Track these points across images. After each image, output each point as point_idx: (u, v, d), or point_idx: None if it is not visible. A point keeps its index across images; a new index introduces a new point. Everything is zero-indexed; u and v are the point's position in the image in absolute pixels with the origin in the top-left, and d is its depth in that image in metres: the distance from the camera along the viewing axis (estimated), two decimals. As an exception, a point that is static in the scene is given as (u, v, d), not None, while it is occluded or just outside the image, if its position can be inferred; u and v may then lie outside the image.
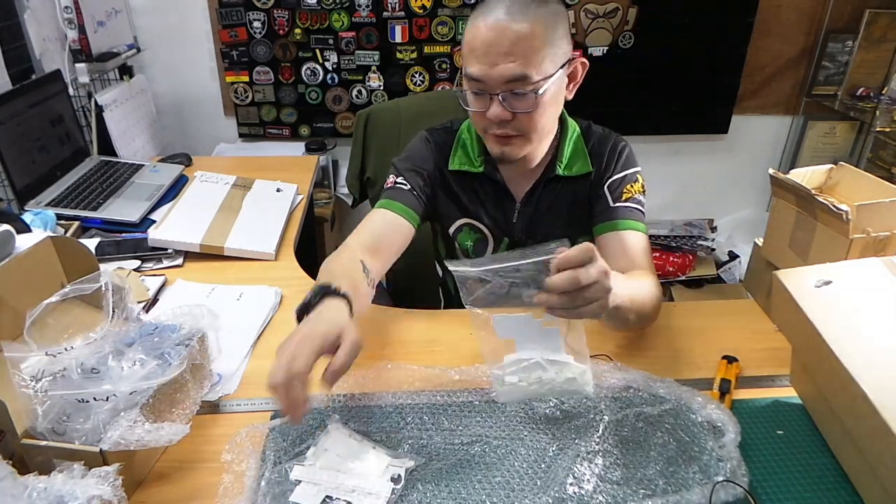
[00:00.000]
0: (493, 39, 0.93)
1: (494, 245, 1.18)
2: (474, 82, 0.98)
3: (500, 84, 0.95)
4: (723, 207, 2.75)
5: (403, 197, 1.11)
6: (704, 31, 2.34)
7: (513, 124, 1.00)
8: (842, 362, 0.70)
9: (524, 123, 1.00)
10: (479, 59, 0.95)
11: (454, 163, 1.15)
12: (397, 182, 1.13)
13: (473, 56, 0.96)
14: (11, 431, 0.69)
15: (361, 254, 1.00)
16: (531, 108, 0.97)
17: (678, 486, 0.75)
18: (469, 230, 1.18)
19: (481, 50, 0.95)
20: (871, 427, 0.66)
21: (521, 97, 0.96)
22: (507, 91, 0.96)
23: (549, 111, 1.01)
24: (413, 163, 1.15)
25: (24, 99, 1.56)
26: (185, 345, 0.82)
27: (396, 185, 1.13)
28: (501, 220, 1.16)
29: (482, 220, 1.17)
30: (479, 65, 0.95)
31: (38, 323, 0.77)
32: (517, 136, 1.02)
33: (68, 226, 1.38)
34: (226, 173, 1.67)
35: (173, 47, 2.29)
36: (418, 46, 2.31)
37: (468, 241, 1.19)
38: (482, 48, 0.94)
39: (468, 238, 1.19)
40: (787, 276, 0.84)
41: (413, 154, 1.17)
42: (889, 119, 2.26)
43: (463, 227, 1.18)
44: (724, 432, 0.81)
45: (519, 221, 1.15)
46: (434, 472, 0.77)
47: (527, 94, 0.96)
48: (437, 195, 1.17)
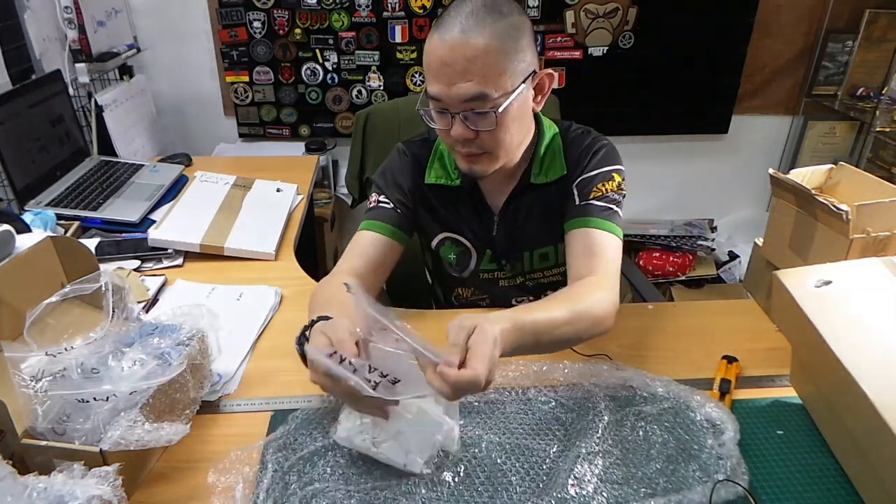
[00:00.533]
0: (448, 58, 0.89)
1: (478, 257, 1.16)
2: (434, 101, 0.95)
3: (458, 104, 0.91)
4: (723, 207, 2.75)
5: (388, 216, 1.09)
6: (704, 31, 2.34)
7: (476, 142, 0.96)
8: (842, 362, 0.70)
9: (487, 142, 0.96)
10: (436, 79, 0.92)
11: (430, 176, 1.12)
12: (380, 201, 1.10)
13: (431, 75, 0.93)
14: (11, 431, 0.69)
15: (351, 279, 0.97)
16: (492, 127, 0.93)
17: (678, 484, 0.75)
18: (451, 244, 1.16)
19: (438, 69, 0.91)
20: (871, 427, 0.66)
21: (482, 116, 0.92)
22: (467, 110, 0.92)
23: (513, 128, 0.97)
24: (392, 178, 1.12)
25: (24, 99, 1.56)
26: (185, 345, 0.82)
27: (379, 204, 1.10)
28: (482, 232, 1.13)
29: (463, 234, 1.14)
30: (438, 84, 0.92)
31: (38, 323, 0.77)
32: (483, 154, 0.98)
33: (68, 226, 1.38)
34: (226, 173, 1.67)
35: (173, 47, 2.29)
36: (418, 46, 2.31)
37: (451, 254, 1.17)
38: (438, 67, 0.91)
39: (451, 251, 1.17)
40: (787, 276, 0.84)
41: (391, 169, 1.13)
42: (889, 119, 2.26)
43: (445, 241, 1.16)
44: (724, 431, 0.81)
45: (498, 234, 1.12)
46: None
47: (487, 113, 0.92)
48: (418, 209, 1.14)
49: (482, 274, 1.18)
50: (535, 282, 1.18)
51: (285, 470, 0.77)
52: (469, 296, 1.24)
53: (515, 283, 1.18)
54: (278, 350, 1.02)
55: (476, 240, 1.15)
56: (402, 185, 1.11)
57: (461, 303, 1.26)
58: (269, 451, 0.80)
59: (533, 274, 1.16)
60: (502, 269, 1.17)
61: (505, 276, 1.18)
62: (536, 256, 1.14)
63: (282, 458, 0.79)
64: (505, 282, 1.19)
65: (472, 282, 1.21)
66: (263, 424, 0.85)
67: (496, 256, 1.15)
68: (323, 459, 0.79)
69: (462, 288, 1.24)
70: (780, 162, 2.68)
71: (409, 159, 1.13)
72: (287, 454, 0.80)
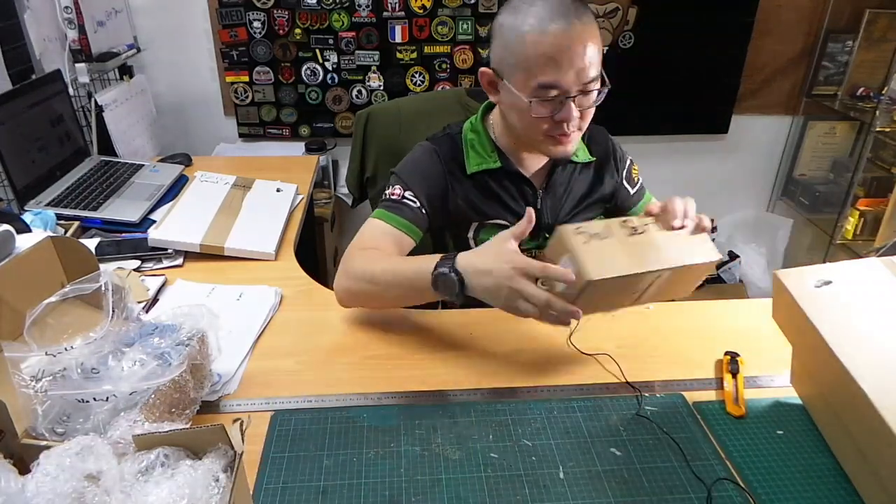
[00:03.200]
0: (567, 44, 0.95)
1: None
2: (547, 89, 0.99)
3: (578, 86, 0.99)
4: (723, 207, 2.75)
5: (412, 214, 1.11)
6: (704, 31, 2.34)
7: (579, 122, 1.04)
8: (842, 362, 0.70)
9: (585, 119, 1.05)
10: (556, 66, 0.97)
11: (472, 165, 1.14)
12: (405, 197, 1.11)
13: (550, 65, 0.97)
14: (11, 431, 0.69)
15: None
16: (599, 103, 1.03)
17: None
18: (491, 228, 1.17)
19: (558, 56, 0.96)
20: (871, 427, 0.66)
21: (589, 95, 1.01)
22: (579, 93, 0.99)
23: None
24: (423, 177, 1.13)
25: (24, 99, 1.56)
26: (185, 345, 0.82)
27: (404, 199, 1.11)
28: (524, 208, 1.15)
29: (504, 217, 1.16)
30: (559, 72, 0.97)
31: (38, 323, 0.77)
32: (576, 133, 1.05)
33: (68, 226, 1.38)
34: (226, 173, 1.67)
35: (173, 47, 2.29)
36: (418, 46, 2.31)
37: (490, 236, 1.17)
38: (557, 54, 0.96)
39: (491, 234, 1.17)
40: (787, 276, 0.84)
41: (421, 168, 1.14)
42: (889, 119, 2.26)
43: (484, 226, 1.17)
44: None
45: (543, 207, 1.17)
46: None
47: (591, 92, 1.01)
48: (450, 206, 1.15)
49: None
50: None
51: (285, 470, 0.77)
52: None
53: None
54: (278, 350, 1.02)
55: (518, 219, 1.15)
56: (437, 183, 1.14)
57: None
58: (270, 450, 0.80)
59: None
60: (542, 245, 1.18)
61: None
62: None
63: (282, 458, 0.79)
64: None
65: None
66: (263, 424, 0.85)
67: (537, 233, 1.16)
68: (323, 459, 0.79)
69: None
70: (780, 162, 2.68)
71: (441, 157, 1.15)
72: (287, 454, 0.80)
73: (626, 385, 0.92)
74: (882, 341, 0.72)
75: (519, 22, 0.97)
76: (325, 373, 0.96)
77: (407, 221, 1.10)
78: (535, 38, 0.96)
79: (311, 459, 0.79)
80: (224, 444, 0.64)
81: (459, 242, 1.22)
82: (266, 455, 0.80)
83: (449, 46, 2.32)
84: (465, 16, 2.27)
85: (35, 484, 0.59)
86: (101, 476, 0.61)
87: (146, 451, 0.63)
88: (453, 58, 2.33)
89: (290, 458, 0.79)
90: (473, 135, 1.15)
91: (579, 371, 0.95)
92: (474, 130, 1.16)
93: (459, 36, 2.30)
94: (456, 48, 2.32)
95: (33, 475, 0.60)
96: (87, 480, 0.60)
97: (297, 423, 0.85)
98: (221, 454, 0.64)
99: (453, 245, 1.23)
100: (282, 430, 0.84)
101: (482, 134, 1.15)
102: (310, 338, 1.06)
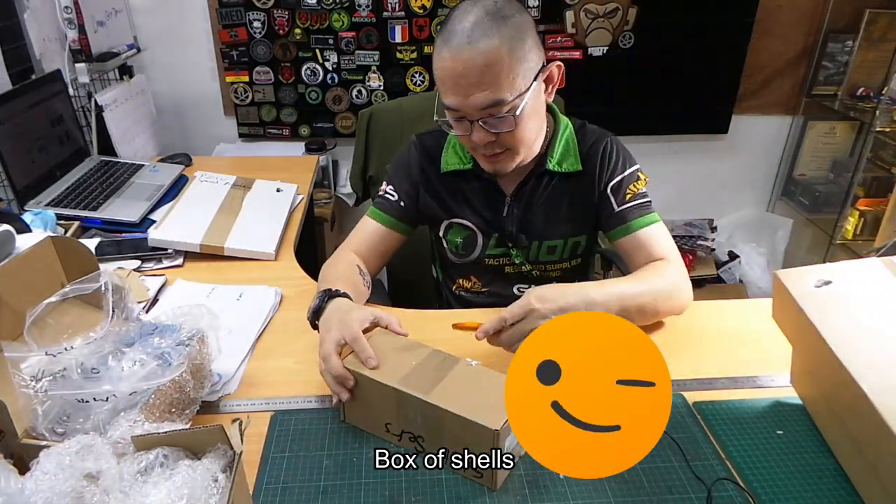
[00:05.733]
0: (460, 70, 0.92)
1: (484, 241, 1.18)
2: (452, 111, 0.99)
3: (476, 112, 0.96)
4: (723, 207, 2.75)
5: (391, 207, 1.16)
6: (704, 31, 2.34)
7: (498, 142, 1.01)
8: (842, 362, 0.70)
9: (508, 141, 1.01)
10: (451, 91, 0.95)
11: (446, 164, 1.16)
12: (387, 192, 1.18)
13: (445, 87, 0.96)
14: (11, 431, 0.69)
15: (357, 259, 1.12)
16: (511, 128, 0.98)
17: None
18: (458, 228, 1.18)
19: (451, 82, 0.94)
20: (871, 427, 0.66)
21: (500, 119, 0.97)
22: (485, 116, 0.96)
23: (530, 123, 1.02)
24: (402, 169, 1.18)
25: (24, 99, 1.56)
26: (185, 345, 0.82)
27: (386, 194, 1.18)
28: (490, 215, 1.16)
29: (469, 217, 1.17)
30: (453, 96, 0.96)
31: (38, 323, 0.77)
32: (505, 152, 1.03)
33: (68, 226, 1.38)
34: (226, 173, 1.67)
35: (173, 47, 2.29)
36: (418, 46, 2.31)
37: (458, 237, 1.19)
38: (451, 80, 0.94)
39: (457, 235, 1.19)
40: (787, 276, 0.84)
41: (402, 161, 1.19)
42: (889, 119, 2.26)
43: (452, 226, 1.19)
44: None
45: (509, 215, 1.15)
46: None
47: (505, 117, 0.96)
48: (424, 199, 1.18)
49: (487, 259, 1.19)
50: (541, 273, 1.20)
51: (285, 470, 0.77)
52: (471, 287, 1.25)
53: (521, 271, 1.19)
54: (278, 350, 1.02)
55: (483, 223, 1.17)
56: (411, 177, 1.17)
57: (463, 294, 1.27)
58: (270, 450, 0.80)
59: (538, 265, 1.19)
60: (508, 253, 1.18)
61: (510, 263, 1.19)
62: (545, 248, 1.17)
63: (282, 458, 0.79)
64: (510, 268, 1.20)
65: (476, 269, 1.22)
66: (263, 424, 0.85)
67: (503, 240, 1.17)
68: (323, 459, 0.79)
69: (464, 279, 1.25)
70: (780, 162, 2.68)
71: (421, 151, 1.18)
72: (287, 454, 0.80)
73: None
74: (882, 341, 0.72)
75: (437, 41, 0.97)
76: (325, 373, 0.96)
77: (389, 217, 1.16)
78: (438, 58, 0.96)
79: (311, 459, 0.79)
80: (223, 444, 0.64)
81: (437, 240, 1.24)
82: (266, 455, 0.80)
83: (449, 46, 2.31)
84: (465, 16, 2.26)
85: (34, 482, 0.59)
86: (101, 476, 0.61)
87: (145, 451, 0.63)
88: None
89: (290, 458, 0.79)
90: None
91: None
92: None
93: (459, 36, 2.30)
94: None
95: (32, 473, 0.60)
96: (87, 480, 0.60)
97: (297, 423, 0.85)
98: (221, 454, 0.64)
99: (434, 242, 1.26)
100: (282, 430, 0.84)
101: None
102: (310, 338, 1.05)
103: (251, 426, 0.84)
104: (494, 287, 1.23)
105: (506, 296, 1.21)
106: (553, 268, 1.19)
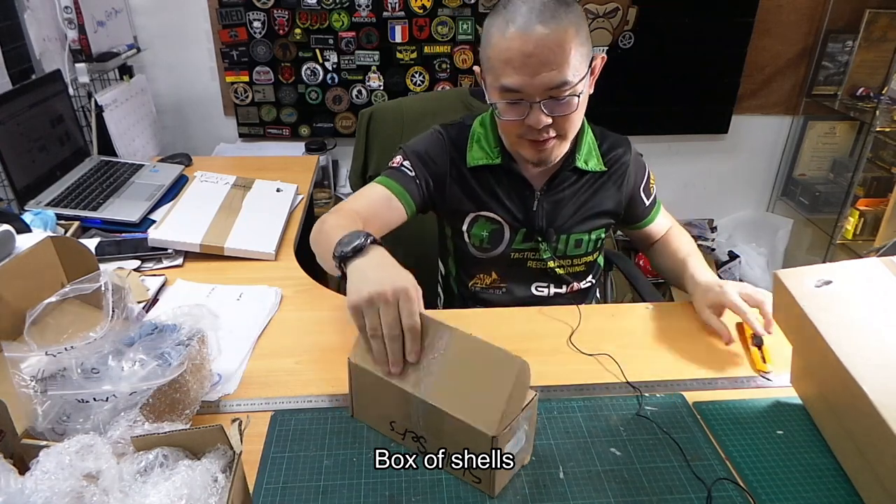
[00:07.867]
0: (530, 50, 0.93)
1: (511, 235, 1.18)
2: (511, 93, 0.98)
3: (541, 92, 0.96)
4: (723, 207, 2.75)
5: (405, 180, 1.13)
6: (704, 31, 2.34)
7: (553, 127, 1.01)
8: (842, 362, 0.70)
9: (563, 125, 1.01)
10: (517, 71, 0.95)
11: (472, 158, 1.15)
12: (403, 165, 1.15)
13: (510, 67, 0.96)
14: (11, 431, 0.69)
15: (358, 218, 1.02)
16: (572, 111, 0.99)
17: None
18: (484, 221, 1.18)
19: (519, 61, 0.94)
20: (871, 427, 0.66)
21: (561, 102, 0.98)
22: (547, 98, 0.97)
23: (582, 110, 1.04)
24: (424, 153, 1.16)
25: (24, 99, 1.56)
26: (185, 345, 0.82)
27: (402, 167, 1.14)
28: (519, 209, 1.17)
29: (497, 211, 1.17)
30: (519, 76, 0.95)
31: (38, 323, 0.77)
32: (555, 139, 1.03)
33: (68, 226, 1.38)
34: (226, 173, 1.67)
35: (173, 47, 2.29)
36: (418, 46, 2.31)
37: (483, 231, 1.18)
38: (520, 59, 0.94)
39: (483, 229, 1.18)
40: (787, 276, 0.84)
41: (425, 145, 1.17)
42: (889, 119, 2.26)
43: (478, 219, 1.18)
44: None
45: (539, 209, 1.16)
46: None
47: (565, 99, 0.97)
48: (446, 191, 1.16)
49: (513, 254, 1.20)
50: (564, 268, 1.22)
51: (285, 470, 0.77)
52: (489, 283, 1.25)
53: (544, 267, 1.20)
54: (278, 350, 1.02)
55: (511, 217, 1.17)
56: (436, 164, 1.15)
57: (478, 291, 1.26)
58: (270, 450, 0.80)
59: (564, 259, 1.21)
60: (536, 248, 1.18)
61: (535, 258, 1.20)
62: (572, 241, 1.19)
63: (282, 458, 0.79)
64: (533, 263, 1.21)
65: (498, 263, 1.22)
66: (263, 424, 0.85)
67: (531, 234, 1.17)
68: (323, 459, 0.79)
69: (484, 273, 1.24)
70: (779, 162, 2.68)
71: (448, 142, 1.17)
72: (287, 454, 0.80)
73: (626, 385, 0.92)
74: (882, 341, 0.72)
75: (493, 23, 0.97)
76: (325, 373, 0.96)
77: (400, 187, 1.12)
78: (499, 40, 0.96)
79: (311, 459, 0.79)
80: (223, 444, 0.64)
81: (455, 234, 1.23)
82: (266, 455, 0.80)
83: (449, 46, 2.32)
84: (465, 16, 2.27)
85: (34, 481, 0.59)
86: (100, 475, 0.61)
87: (145, 451, 0.63)
88: (453, 58, 2.33)
89: (290, 458, 0.79)
90: (481, 129, 1.16)
91: (579, 371, 0.95)
92: (483, 125, 1.16)
93: (459, 36, 2.30)
94: (456, 48, 2.32)
95: (32, 473, 0.60)
96: (86, 480, 0.60)
97: (297, 423, 0.85)
98: (220, 454, 0.64)
99: (451, 235, 1.24)
100: (282, 430, 0.84)
101: (489, 129, 1.15)
102: (310, 338, 1.06)
103: (251, 426, 0.85)
104: (513, 283, 1.23)
105: (521, 296, 1.23)
106: (579, 262, 1.22)
